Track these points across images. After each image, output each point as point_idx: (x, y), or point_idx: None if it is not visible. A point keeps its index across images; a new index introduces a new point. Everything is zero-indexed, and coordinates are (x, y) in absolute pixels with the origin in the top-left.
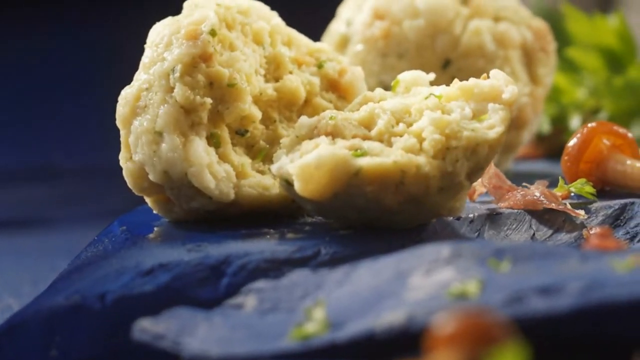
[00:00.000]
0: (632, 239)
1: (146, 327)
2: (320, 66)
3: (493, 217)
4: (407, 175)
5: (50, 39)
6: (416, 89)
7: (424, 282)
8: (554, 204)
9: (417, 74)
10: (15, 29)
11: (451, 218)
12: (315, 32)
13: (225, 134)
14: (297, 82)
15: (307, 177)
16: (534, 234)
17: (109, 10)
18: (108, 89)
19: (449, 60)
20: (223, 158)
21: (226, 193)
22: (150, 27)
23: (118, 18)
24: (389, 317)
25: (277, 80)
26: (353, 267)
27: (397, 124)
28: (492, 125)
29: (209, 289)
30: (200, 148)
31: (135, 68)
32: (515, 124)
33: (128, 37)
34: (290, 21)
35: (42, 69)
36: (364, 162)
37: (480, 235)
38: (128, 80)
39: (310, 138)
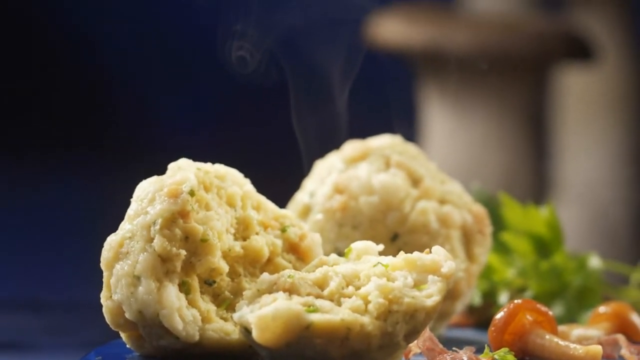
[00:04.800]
0: None
1: None
2: (283, 230)
3: None
4: (352, 332)
5: (49, 187)
6: (366, 257)
7: None
8: None
9: (368, 244)
10: (17, 175)
11: None
12: (281, 199)
13: (195, 282)
14: (262, 242)
15: (264, 327)
16: None
17: (101, 166)
18: (95, 235)
19: (397, 235)
20: (192, 304)
21: (192, 335)
22: (137, 183)
23: (109, 173)
24: None
25: (244, 239)
26: None
27: (347, 286)
28: (430, 295)
29: None
30: (172, 293)
31: (120, 218)
32: (450, 295)
33: (116, 191)
34: (260, 188)
35: (38, 213)
36: (315, 317)
37: None
38: (114, 228)
39: (270, 292)
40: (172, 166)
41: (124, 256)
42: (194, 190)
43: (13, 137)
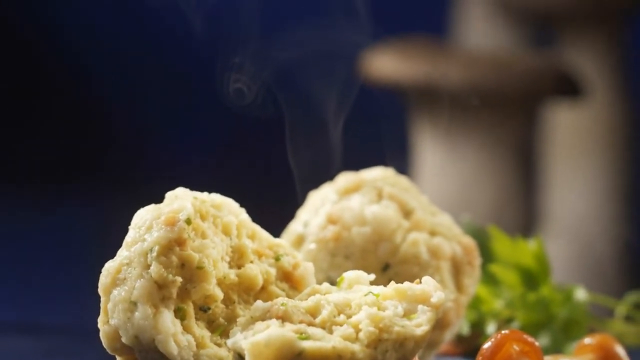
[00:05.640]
0: None
1: None
2: (277, 259)
3: None
4: (343, 359)
5: (50, 214)
6: (358, 286)
7: None
8: None
9: (359, 274)
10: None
11: None
12: (276, 229)
13: (190, 309)
14: (257, 270)
15: (257, 353)
16: None
17: (101, 194)
18: (94, 261)
19: (389, 265)
20: (187, 329)
21: None
22: (135, 211)
23: (108, 201)
24: None
25: (239, 267)
26: None
27: (339, 314)
28: (420, 324)
29: None
30: (168, 319)
31: (119, 245)
32: (439, 324)
33: (115, 219)
34: (255, 218)
35: (39, 239)
36: (307, 344)
37: None
38: (112, 255)
39: (263, 319)
40: (169, 195)
41: (122, 282)
42: (190, 218)
43: (15, 165)
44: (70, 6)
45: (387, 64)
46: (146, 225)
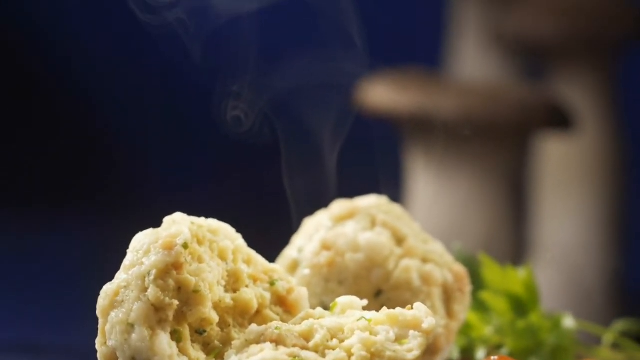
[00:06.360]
0: None
1: None
2: (272, 283)
3: None
4: None
5: (50, 238)
6: (351, 311)
7: None
8: None
9: (352, 299)
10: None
11: None
12: (271, 254)
13: (186, 331)
14: (252, 295)
15: None
16: None
17: (100, 218)
18: (92, 283)
19: (381, 291)
20: (182, 351)
21: None
22: (133, 235)
23: (107, 225)
24: None
25: (234, 291)
26: None
27: (332, 339)
28: (411, 349)
29: None
30: (164, 341)
31: (117, 268)
32: (430, 349)
33: (114, 242)
34: (251, 243)
35: (39, 262)
36: None
37: None
38: (110, 277)
39: (258, 343)
40: (167, 220)
41: (119, 304)
42: (187, 243)
43: (15, 186)
44: (70, 34)
45: (382, 94)
46: (144, 249)
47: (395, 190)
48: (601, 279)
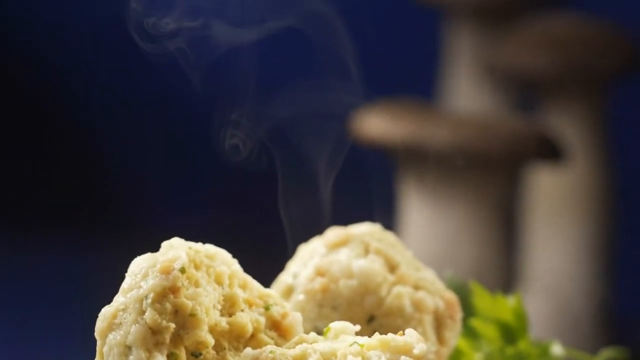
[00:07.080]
0: None
1: None
2: (267, 308)
3: None
4: None
5: (50, 261)
6: (343, 336)
7: None
8: None
9: (345, 325)
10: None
11: None
12: (266, 279)
13: (182, 354)
14: (247, 319)
15: None
16: None
17: (99, 242)
18: (91, 306)
19: (374, 317)
20: None
21: None
22: (131, 259)
23: (106, 249)
24: None
25: (230, 315)
26: None
27: None
28: None
29: None
30: None
31: (115, 291)
32: None
33: (112, 266)
34: (247, 268)
35: (38, 284)
36: None
37: None
38: (108, 300)
39: None
40: (165, 244)
41: (117, 327)
42: (185, 267)
43: (13, 211)
44: (70, 62)
45: (376, 125)
46: (142, 272)
47: (388, 219)
48: (590, 307)
